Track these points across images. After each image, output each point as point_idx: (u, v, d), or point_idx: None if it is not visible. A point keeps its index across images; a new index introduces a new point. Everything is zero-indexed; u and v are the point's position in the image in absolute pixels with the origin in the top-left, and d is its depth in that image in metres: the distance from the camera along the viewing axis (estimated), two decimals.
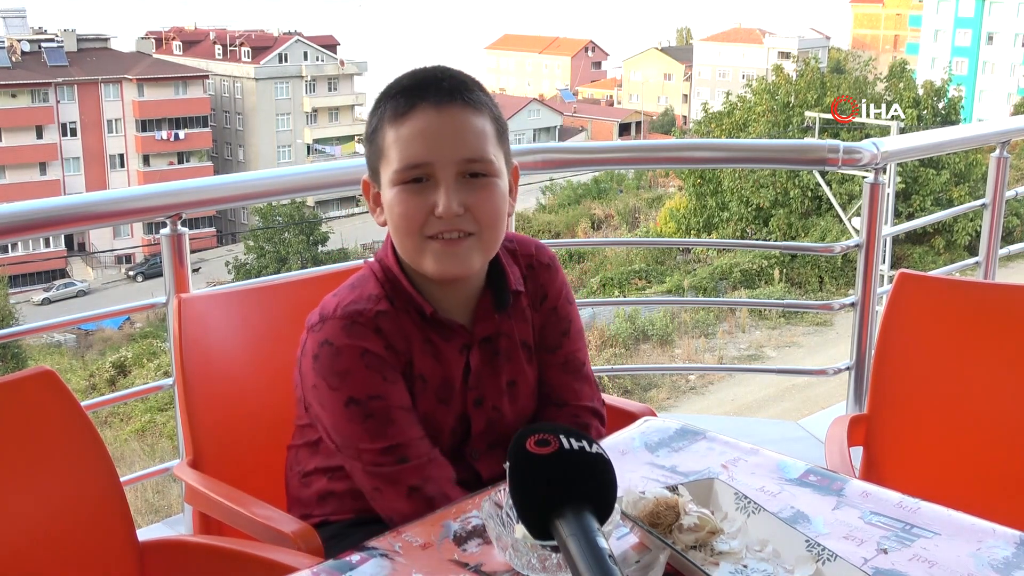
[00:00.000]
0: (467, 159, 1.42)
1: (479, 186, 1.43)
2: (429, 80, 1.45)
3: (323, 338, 1.45)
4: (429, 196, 1.42)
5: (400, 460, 1.43)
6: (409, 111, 1.42)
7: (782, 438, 3.96)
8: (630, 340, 16.50)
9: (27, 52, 41.47)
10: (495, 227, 1.46)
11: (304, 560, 1.43)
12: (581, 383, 1.62)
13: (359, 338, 1.44)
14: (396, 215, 1.44)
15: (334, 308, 1.46)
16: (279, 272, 25.81)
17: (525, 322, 1.57)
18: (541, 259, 1.61)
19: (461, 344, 1.52)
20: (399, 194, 1.43)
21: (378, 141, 1.46)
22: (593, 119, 55.08)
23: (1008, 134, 3.57)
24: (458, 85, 1.44)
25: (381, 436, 1.43)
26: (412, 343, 1.48)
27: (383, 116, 1.45)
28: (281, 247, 31.74)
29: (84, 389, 17.10)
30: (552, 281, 1.60)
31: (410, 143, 1.41)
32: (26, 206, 2.44)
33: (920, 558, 1.25)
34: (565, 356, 1.61)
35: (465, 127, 1.42)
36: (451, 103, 1.42)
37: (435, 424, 1.50)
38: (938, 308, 2.04)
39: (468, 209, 1.42)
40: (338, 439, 1.47)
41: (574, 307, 1.64)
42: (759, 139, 20.72)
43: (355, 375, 1.43)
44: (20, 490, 1.55)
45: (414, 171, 1.42)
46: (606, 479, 1.07)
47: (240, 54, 47.49)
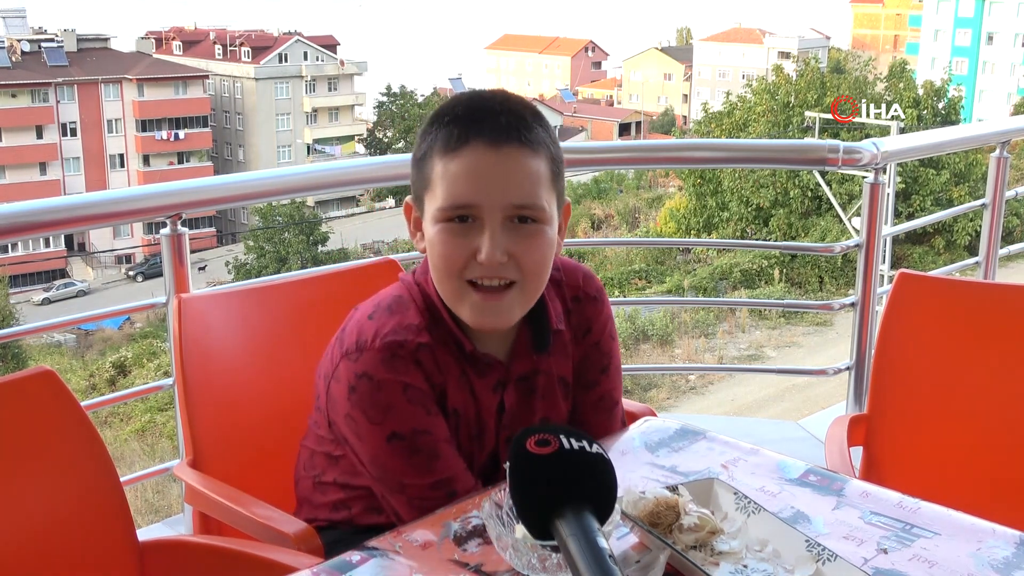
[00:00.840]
0: (516, 204, 1.34)
1: (527, 233, 1.36)
2: (486, 112, 1.36)
3: (361, 370, 1.38)
4: (473, 239, 1.35)
5: (449, 495, 1.39)
6: (461, 146, 1.34)
7: (782, 438, 3.96)
8: (630, 340, 16.51)
9: (27, 52, 41.47)
10: (539, 277, 1.39)
11: (304, 560, 1.43)
12: (611, 422, 1.58)
13: (401, 373, 1.38)
14: (436, 254, 1.37)
15: (373, 337, 1.39)
16: (279, 272, 25.81)
17: (566, 358, 1.52)
18: (588, 291, 1.54)
19: (496, 381, 1.47)
20: (441, 233, 1.36)
21: (425, 170, 1.38)
22: (593, 119, 55.08)
23: (1008, 134, 3.57)
24: (516, 121, 1.36)
25: (428, 471, 1.39)
26: (448, 377, 1.43)
27: (433, 144, 1.37)
28: (281, 247, 31.74)
29: (84, 389, 17.10)
30: (598, 315, 1.54)
31: (458, 181, 1.34)
32: (26, 206, 2.44)
33: (920, 558, 1.25)
34: (600, 394, 1.56)
35: (518, 170, 1.34)
36: (507, 142, 1.34)
37: (467, 460, 1.46)
38: (938, 308, 2.04)
39: (512, 256, 1.35)
40: (378, 472, 1.42)
41: (616, 343, 1.58)
42: (759, 139, 20.72)
43: (398, 410, 1.38)
44: (20, 490, 1.55)
45: (459, 211, 1.35)
46: (606, 479, 1.07)
47: (240, 54, 47.50)
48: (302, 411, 1.65)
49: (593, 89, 64.65)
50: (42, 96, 41.02)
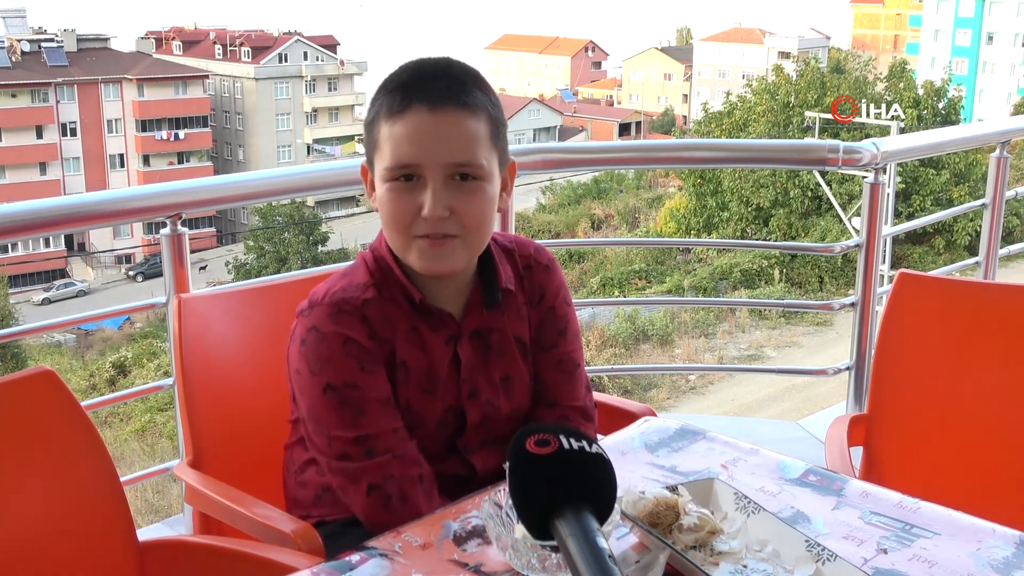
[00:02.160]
0: (456, 163, 1.43)
1: (467, 189, 1.44)
2: (427, 78, 1.45)
3: (310, 324, 1.47)
4: (417, 196, 1.43)
5: (367, 452, 1.44)
6: (404, 110, 1.43)
7: (782, 438, 3.96)
8: (630, 340, 16.51)
9: (27, 52, 41.46)
10: (480, 230, 1.47)
11: (304, 560, 1.43)
12: (574, 384, 1.62)
13: (344, 326, 1.46)
14: (385, 211, 1.47)
15: (323, 295, 1.49)
16: (279, 272, 25.81)
17: (521, 319, 1.59)
18: (540, 260, 1.62)
19: (448, 335, 1.53)
20: (388, 191, 1.45)
21: (374, 134, 1.48)
22: (593, 119, 55.09)
23: (1008, 134, 3.57)
24: (455, 84, 1.44)
25: (352, 425, 1.45)
26: (397, 331, 1.49)
27: (380, 109, 1.47)
28: (281, 247, 31.74)
29: (84, 389, 17.09)
30: (550, 281, 1.62)
31: (401, 143, 1.43)
32: (26, 206, 2.44)
33: (920, 558, 1.25)
34: (560, 356, 1.62)
35: (457, 131, 1.43)
36: (445, 105, 1.43)
37: (417, 414, 1.51)
38: (938, 308, 2.04)
39: (453, 212, 1.43)
40: (312, 425, 1.49)
41: (571, 309, 1.65)
42: (759, 139, 20.72)
43: (335, 362, 1.45)
44: (20, 490, 1.55)
45: (403, 170, 1.44)
46: (606, 479, 1.07)
47: (240, 54, 47.49)
48: None
49: (593, 89, 64.65)
50: (42, 96, 41.02)
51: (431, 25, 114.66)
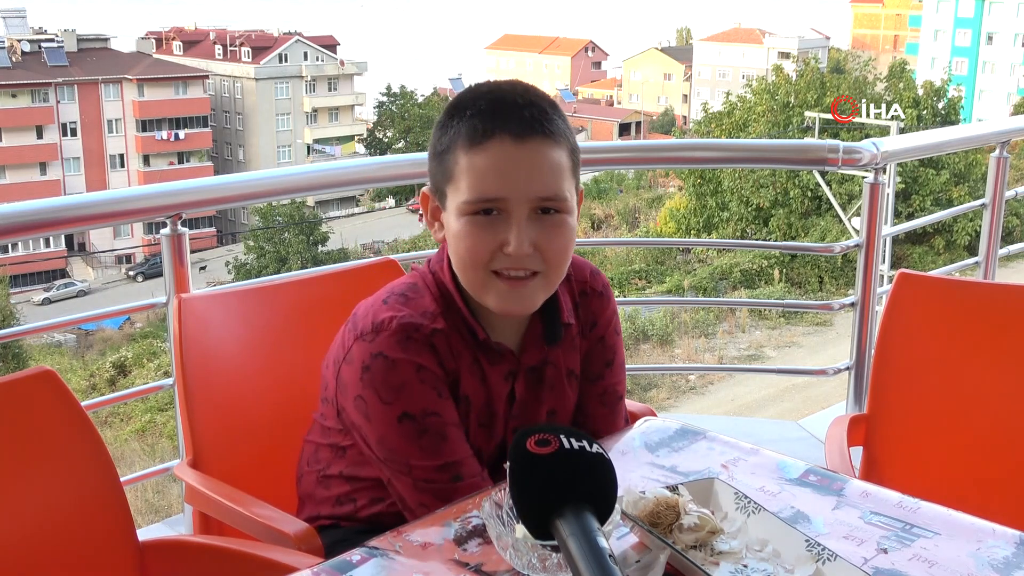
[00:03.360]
0: (541, 197, 1.36)
1: (551, 224, 1.38)
2: (509, 106, 1.38)
3: (376, 350, 1.40)
4: (499, 231, 1.37)
5: (454, 478, 1.41)
6: (486, 140, 1.36)
7: (782, 438, 3.96)
8: (630, 340, 16.50)
9: (27, 52, 41.46)
10: (561, 266, 1.42)
11: (304, 560, 1.43)
12: (615, 417, 1.60)
13: (415, 353, 1.40)
14: (461, 247, 1.39)
15: (389, 320, 1.41)
16: (279, 272, 25.81)
17: (574, 350, 1.54)
18: (595, 286, 1.57)
19: (507, 371, 1.49)
20: (467, 226, 1.38)
21: (448, 163, 1.40)
22: (593, 119, 55.06)
23: (1008, 134, 3.57)
24: (538, 114, 1.38)
25: (436, 453, 1.40)
26: (461, 363, 1.45)
27: (456, 138, 1.38)
28: (281, 247, 31.73)
29: (84, 389, 17.10)
30: (603, 310, 1.57)
31: (485, 175, 1.36)
32: (26, 206, 2.44)
33: (920, 558, 1.25)
34: (604, 387, 1.59)
35: (543, 163, 1.36)
36: (531, 136, 1.36)
37: (476, 448, 1.47)
38: (938, 308, 2.04)
39: (537, 248, 1.37)
40: (385, 453, 1.43)
41: (620, 338, 1.60)
42: (759, 139, 20.72)
43: (410, 390, 1.40)
44: (20, 490, 1.55)
45: (486, 204, 1.37)
46: (606, 479, 1.07)
47: (240, 54, 47.49)
48: (303, 411, 1.65)
49: (593, 89, 64.63)
50: (42, 96, 41.02)
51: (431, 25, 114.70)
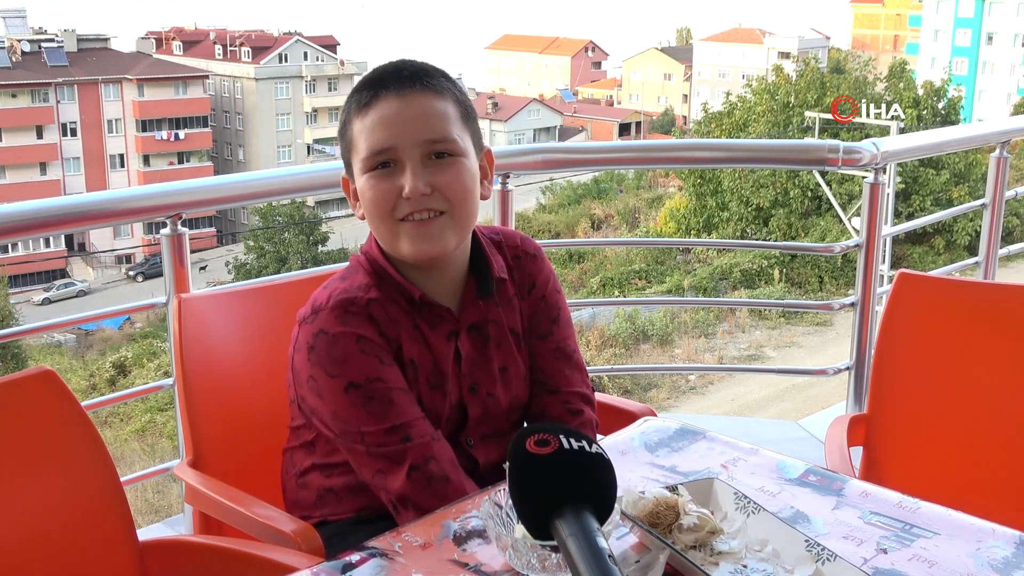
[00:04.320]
0: (430, 140, 1.46)
1: (445, 165, 1.47)
2: (390, 71, 1.49)
3: (317, 328, 1.47)
4: (396, 179, 1.46)
5: (404, 439, 1.45)
6: (372, 100, 1.47)
7: (782, 438, 3.96)
8: (630, 340, 16.50)
9: (27, 52, 41.46)
10: (466, 203, 1.49)
11: (304, 560, 1.43)
12: (572, 370, 1.64)
13: (354, 325, 1.46)
14: (367, 201, 1.48)
15: (327, 299, 1.49)
16: (279, 272, 25.81)
17: (513, 310, 1.60)
18: (527, 249, 1.64)
19: (448, 330, 1.54)
20: (368, 180, 1.48)
21: (347, 134, 1.51)
22: (593, 119, 55.07)
23: (1008, 134, 3.57)
24: (419, 71, 1.49)
25: (384, 417, 1.45)
26: (401, 330, 1.50)
27: (350, 110, 1.50)
28: (281, 247, 31.73)
29: (84, 389, 17.09)
30: (539, 270, 1.64)
31: (374, 130, 1.46)
32: (26, 206, 2.44)
33: (920, 558, 1.25)
34: (556, 343, 1.64)
35: (426, 110, 1.46)
36: (412, 89, 1.47)
37: (430, 410, 1.52)
38: (938, 308, 2.04)
39: (436, 188, 1.46)
40: (338, 426, 1.48)
41: (562, 296, 1.67)
42: (759, 139, 20.72)
43: (353, 360, 1.46)
44: (20, 490, 1.55)
45: (380, 156, 1.46)
46: (606, 479, 1.07)
47: (240, 54, 47.49)
48: None
49: (593, 89, 64.64)
50: (42, 96, 41.02)
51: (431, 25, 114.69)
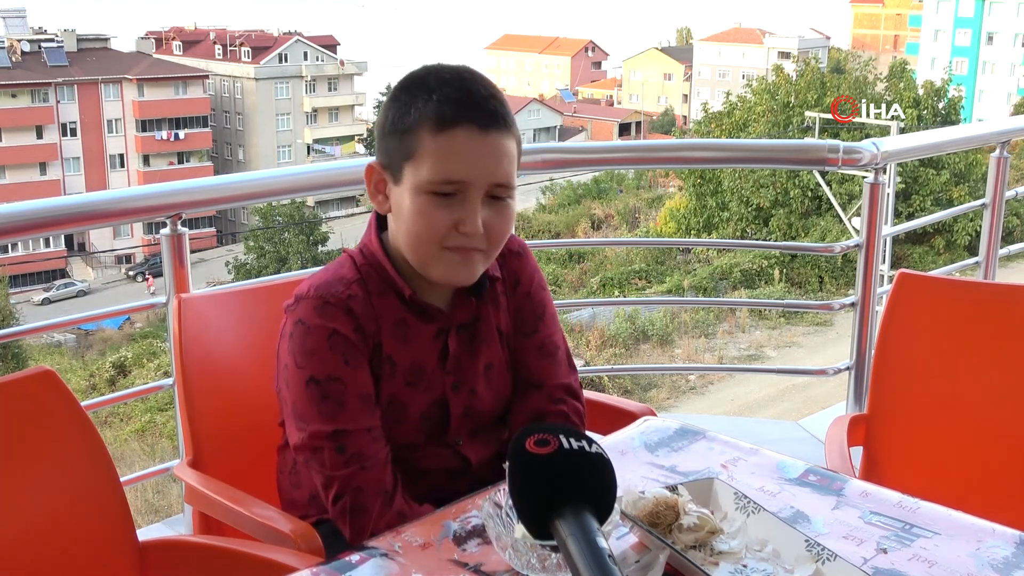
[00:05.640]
0: (498, 183, 1.47)
1: (500, 207, 1.48)
2: (476, 97, 1.46)
3: (296, 318, 1.49)
4: (455, 210, 1.45)
5: (339, 449, 1.46)
6: (454, 127, 1.44)
7: (782, 438, 3.96)
8: (630, 340, 16.51)
9: (27, 52, 41.44)
10: (501, 244, 1.52)
11: (304, 560, 1.43)
12: (557, 365, 1.65)
13: (330, 319, 1.47)
14: (417, 222, 1.46)
15: (307, 289, 1.50)
16: (279, 272, 25.80)
17: (499, 308, 1.61)
18: (511, 247, 1.64)
19: (438, 328, 1.55)
20: (427, 204, 1.45)
21: (410, 141, 1.46)
22: (593, 119, 55.07)
23: (1008, 134, 3.57)
24: (500, 107, 1.48)
25: (331, 419, 1.46)
26: (382, 326, 1.51)
27: (421, 119, 1.45)
28: (281, 247, 31.73)
29: (84, 389, 17.09)
30: (524, 267, 1.65)
31: (450, 159, 1.44)
32: (26, 206, 2.44)
33: (920, 558, 1.25)
34: (541, 340, 1.64)
35: (501, 151, 1.47)
36: (496, 129, 1.46)
37: (402, 408, 1.52)
38: (938, 308, 2.04)
39: (486, 228, 1.47)
40: (295, 418, 1.50)
41: (547, 292, 1.68)
42: (759, 139, 20.71)
43: (320, 355, 1.47)
44: (20, 490, 1.55)
45: (449, 186, 1.45)
46: (606, 479, 1.07)
47: (240, 54, 47.48)
48: None
49: (593, 89, 64.64)
50: (42, 96, 41.01)
51: (431, 25, 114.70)
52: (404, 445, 1.52)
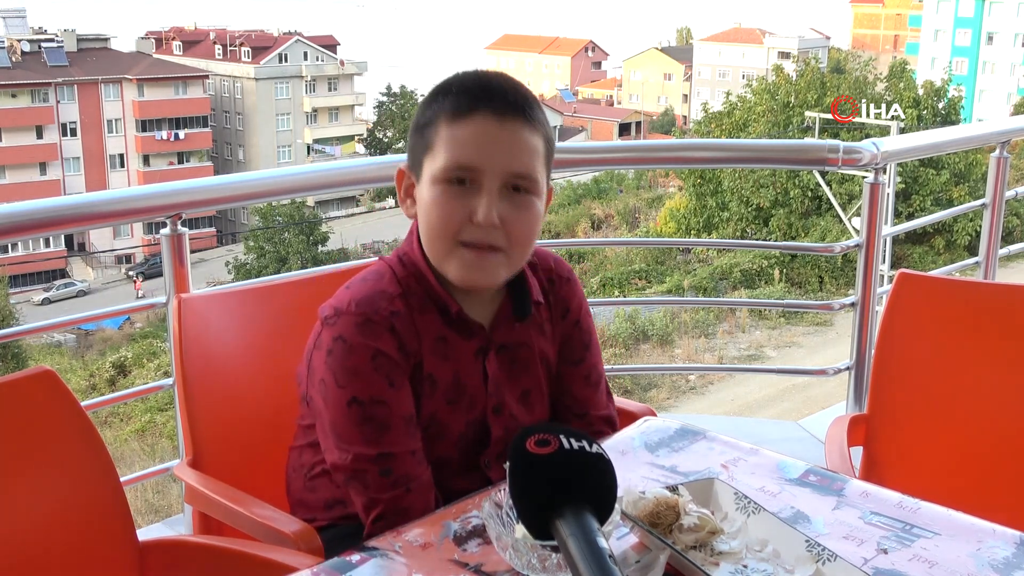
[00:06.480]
0: (515, 173, 1.41)
1: (519, 202, 1.43)
2: (495, 88, 1.44)
3: (337, 333, 1.43)
4: (470, 200, 1.41)
5: (383, 472, 1.41)
6: (470, 113, 1.41)
7: (782, 438, 3.96)
8: (630, 340, 16.51)
9: (27, 52, 41.44)
10: (525, 246, 1.46)
11: (304, 560, 1.43)
12: (600, 395, 1.64)
13: (372, 338, 1.42)
14: (433, 214, 1.43)
15: (348, 303, 1.44)
16: (279, 272, 25.80)
17: (544, 335, 1.57)
18: (561, 273, 1.60)
19: (478, 347, 1.50)
20: (441, 193, 1.42)
21: (429, 134, 1.44)
22: (593, 119, 55.06)
23: (1008, 134, 3.57)
24: (521, 100, 1.44)
25: (375, 443, 1.41)
26: (424, 343, 1.46)
27: (440, 110, 1.44)
28: (281, 247, 31.73)
29: (84, 389, 17.10)
30: (573, 295, 1.60)
31: (464, 144, 1.40)
32: (26, 206, 2.44)
33: (920, 558, 1.25)
34: (587, 369, 1.61)
35: (520, 142, 1.42)
36: (513, 116, 1.42)
37: (442, 426, 1.48)
38: (938, 308, 2.04)
39: (504, 223, 1.41)
40: (334, 439, 1.45)
41: (591, 319, 1.64)
42: (759, 139, 20.71)
43: (364, 376, 1.41)
44: (20, 490, 1.55)
45: (461, 172, 1.41)
46: (606, 479, 1.07)
47: (240, 54, 47.48)
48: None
49: (593, 89, 64.63)
50: (42, 96, 41.01)
51: (431, 25, 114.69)
52: (437, 464, 1.48)
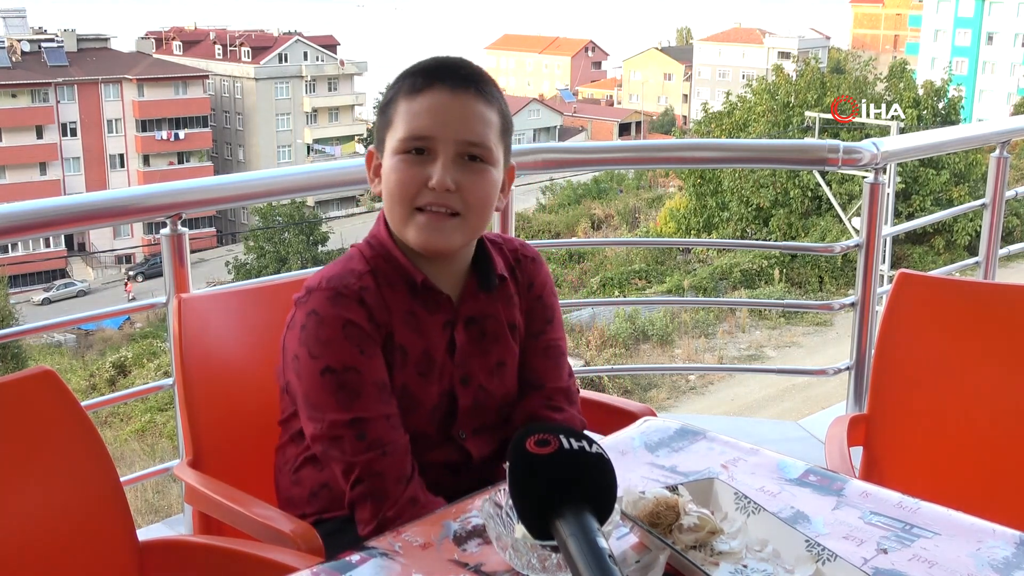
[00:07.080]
0: (468, 141, 1.50)
1: (474, 169, 1.51)
2: (449, 66, 1.54)
3: (310, 308, 1.50)
4: (426, 168, 1.49)
5: (359, 436, 1.47)
6: (424, 89, 1.51)
7: (782, 438, 3.96)
8: (630, 340, 16.51)
9: (27, 52, 41.45)
10: (481, 212, 1.53)
11: (304, 560, 1.43)
12: (559, 368, 1.68)
13: (343, 309, 1.49)
14: (392, 182, 1.52)
15: (319, 281, 1.52)
16: (279, 272, 25.80)
17: (512, 306, 1.63)
18: (527, 253, 1.69)
19: (445, 319, 1.56)
20: (397, 162, 1.51)
21: (389, 112, 1.54)
22: (593, 119, 55.07)
23: (1008, 134, 3.57)
24: (475, 75, 1.54)
25: (347, 408, 1.47)
26: (394, 315, 1.52)
27: (399, 90, 1.54)
28: (281, 247, 31.73)
29: (84, 389, 17.09)
30: (538, 272, 1.68)
31: (418, 116, 1.50)
32: (26, 206, 2.44)
33: (920, 558, 1.25)
34: (547, 343, 1.67)
35: (472, 112, 1.51)
36: (465, 90, 1.51)
37: (414, 397, 1.54)
38: (938, 308, 2.04)
39: (459, 188, 1.49)
40: (309, 410, 1.50)
41: (556, 299, 1.72)
42: (759, 139, 20.71)
43: (336, 344, 1.48)
44: (20, 490, 1.55)
45: (417, 142, 1.49)
46: (606, 479, 1.07)
47: (240, 54, 47.48)
48: None
49: (593, 89, 64.65)
50: (42, 96, 41.01)
51: (431, 25, 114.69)
52: (413, 437, 1.53)
